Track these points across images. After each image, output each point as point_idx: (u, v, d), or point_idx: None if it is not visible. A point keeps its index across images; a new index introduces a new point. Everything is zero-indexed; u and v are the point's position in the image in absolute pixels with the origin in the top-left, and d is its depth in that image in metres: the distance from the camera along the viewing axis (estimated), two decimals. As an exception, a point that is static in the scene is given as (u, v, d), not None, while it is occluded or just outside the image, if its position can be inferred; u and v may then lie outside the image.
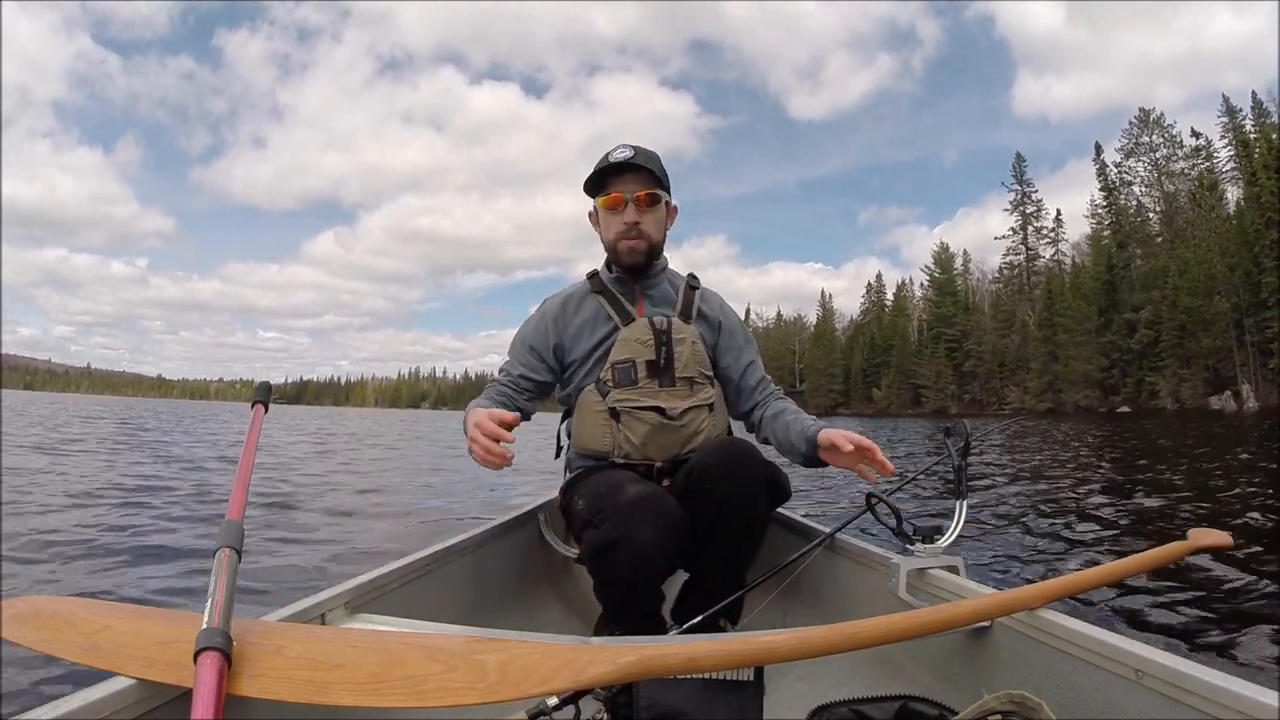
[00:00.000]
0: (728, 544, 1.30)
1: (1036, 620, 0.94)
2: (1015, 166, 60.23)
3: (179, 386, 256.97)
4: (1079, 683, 0.87)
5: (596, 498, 1.23)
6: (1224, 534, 1.23)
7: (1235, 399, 35.56)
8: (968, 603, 0.95)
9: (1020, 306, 56.75)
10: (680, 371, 1.43)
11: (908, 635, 0.85)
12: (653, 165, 1.44)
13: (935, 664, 1.14)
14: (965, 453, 1.36)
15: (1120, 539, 3.14)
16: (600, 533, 1.17)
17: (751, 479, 1.27)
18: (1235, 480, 5.05)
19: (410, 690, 0.66)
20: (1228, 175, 43.16)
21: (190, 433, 14.51)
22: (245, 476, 0.88)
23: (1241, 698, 0.67)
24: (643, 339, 1.43)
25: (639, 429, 1.39)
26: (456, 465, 8.27)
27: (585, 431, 1.44)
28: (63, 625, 0.78)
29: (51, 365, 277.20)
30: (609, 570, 1.19)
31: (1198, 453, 7.89)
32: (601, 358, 1.44)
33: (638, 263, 1.47)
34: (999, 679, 0.96)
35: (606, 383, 1.41)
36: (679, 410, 1.41)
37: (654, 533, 1.16)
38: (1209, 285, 38.14)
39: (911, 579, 1.20)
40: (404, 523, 4.42)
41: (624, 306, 1.47)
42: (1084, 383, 45.62)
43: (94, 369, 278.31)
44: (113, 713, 0.66)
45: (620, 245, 1.45)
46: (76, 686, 0.68)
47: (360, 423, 32.73)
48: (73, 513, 4.06)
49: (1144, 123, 49.11)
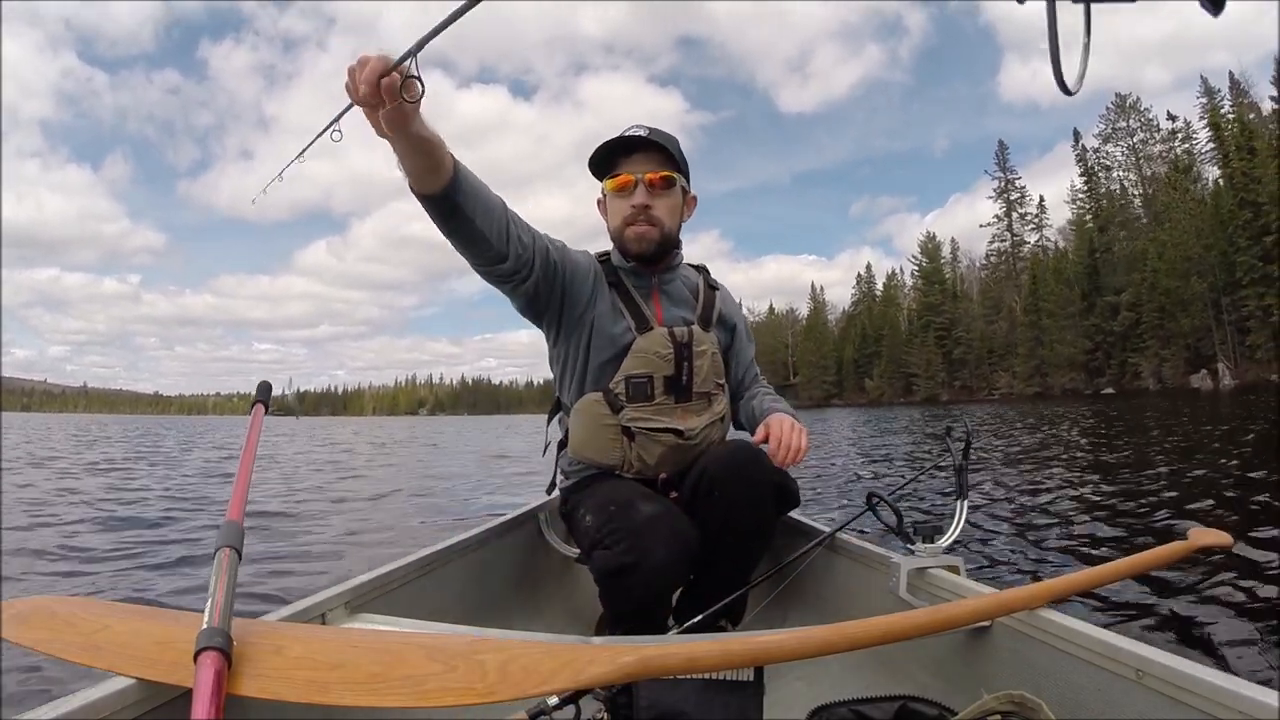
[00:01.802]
0: (734, 550, 1.28)
1: (1036, 620, 0.94)
2: (998, 154, 61.14)
3: (176, 403, 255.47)
4: (1079, 683, 0.87)
5: (607, 515, 1.17)
6: (1224, 534, 1.23)
7: (1212, 377, 36.37)
8: (968, 602, 0.95)
9: (1007, 292, 57.28)
10: (698, 387, 1.35)
11: (908, 635, 0.84)
12: (669, 145, 1.32)
13: (935, 664, 1.14)
14: (966, 453, 1.36)
15: (1120, 539, 3.14)
16: (613, 555, 1.11)
17: (760, 485, 1.24)
18: (1217, 464, 5.06)
19: (410, 690, 0.66)
20: (1207, 156, 43.95)
21: (223, 446, 14.22)
22: (245, 477, 0.88)
23: (1241, 698, 0.67)
24: (662, 353, 1.31)
25: (654, 450, 1.32)
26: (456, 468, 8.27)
27: (591, 442, 1.34)
28: (63, 625, 0.78)
29: (48, 385, 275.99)
30: (622, 593, 1.14)
31: (1167, 440, 7.92)
32: (609, 360, 1.32)
33: (647, 252, 1.32)
34: (999, 679, 0.96)
35: (619, 396, 1.31)
36: (696, 430, 1.34)
37: (669, 555, 1.11)
38: (1186, 266, 39.00)
39: (912, 579, 1.21)
40: (404, 523, 4.42)
41: (640, 309, 1.34)
42: (1069, 366, 46.59)
43: (90, 388, 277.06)
44: (113, 713, 0.66)
45: (628, 232, 1.31)
46: (76, 687, 0.68)
47: (379, 432, 32.69)
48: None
49: (1120, 108, 50.05)
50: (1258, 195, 34.79)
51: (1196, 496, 3.97)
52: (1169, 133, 46.64)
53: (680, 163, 1.34)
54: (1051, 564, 2.81)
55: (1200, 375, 37.16)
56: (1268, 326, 34.86)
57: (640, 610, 1.19)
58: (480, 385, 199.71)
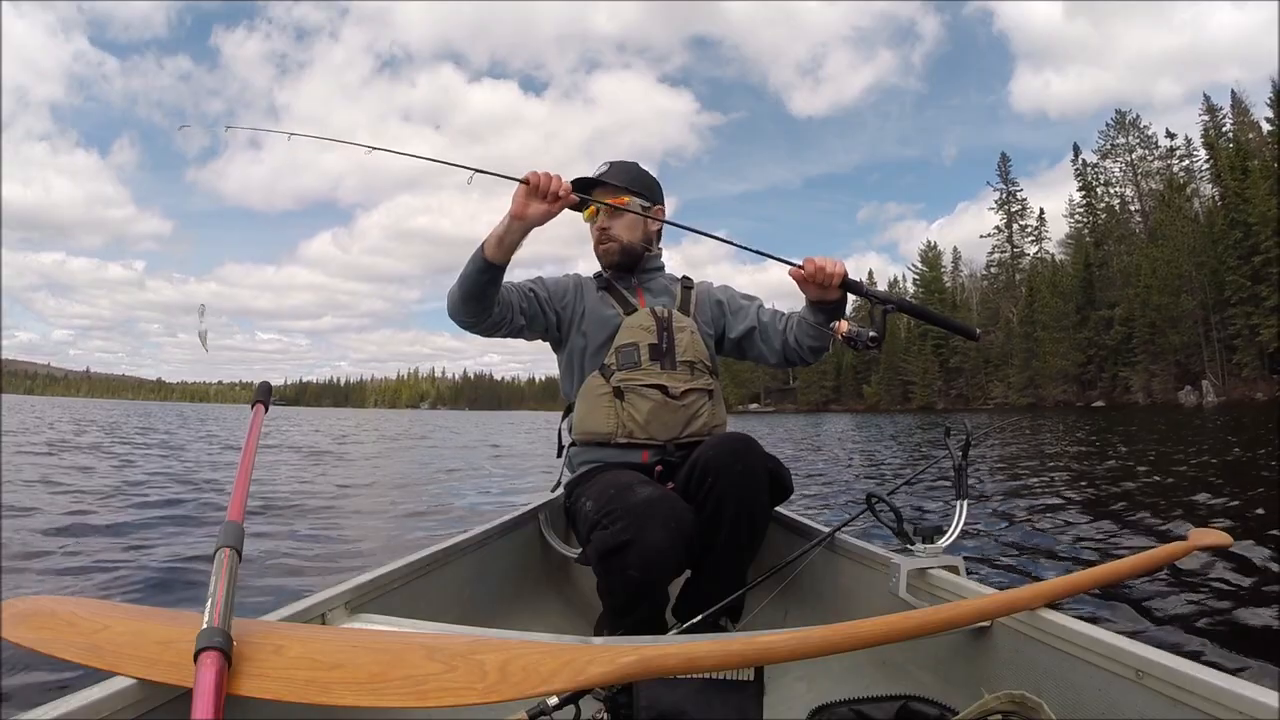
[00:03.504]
0: (731, 537, 1.30)
1: (1036, 620, 0.94)
2: (1000, 166, 61.30)
3: (179, 389, 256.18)
4: (1079, 683, 0.87)
5: (606, 499, 1.23)
6: (1224, 534, 1.24)
7: (1196, 394, 36.92)
8: (968, 603, 0.95)
9: (1005, 304, 57.73)
10: (681, 355, 1.50)
11: (908, 635, 0.85)
12: (618, 179, 1.56)
13: (935, 664, 1.14)
14: (966, 453, 1.36)
15: (1120, 539, 3.14)
16: (611, 534, 1.17)
17: (754, 471, 1.29)
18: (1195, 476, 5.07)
19: (410, 690, 0.66)
20: (1205, 174, 44.24)
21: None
22: (245, 477, 0.88)
23: (1241, 698, 0.67)
24: (645, 325, 1.51)
25: (642, 406, 1.44)
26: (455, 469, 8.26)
27: (588, 415, 1.48)
28: (63, 625, 0.78)
29: (51, 369, 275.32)
30: (619, 572, 1.18)
31: (1127, 450, 7.94)
32: (604, 343, 1.51)
33: (613, 262, 1.58)
34: (999, 679, 0.96)
35: (610, 366, 1.48)
36: (680, 390, 1.46)
37: (666, 535, 1.16)
38: (1177, 284, 39.51)
39: (912, 579, 1.20)
40: (405, 523, 4.42)
41: (627, 299, 1.56)
42: (1061, 378, 47.10)
43: (93, 373, 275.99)
44: (113, 713, 0.66)
45: (597, 250, 1.60)
46: (76, 686, 0.68)
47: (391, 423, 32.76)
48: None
49: (1120, 124, 50.32)
50: (1248, 216, 35.28)
51: (1193, 497, 3.98)
52: (1167, 150, 47.02)
53: (632, 185, 1.56)
54: (1052, 564, 2.81)
55: (1185, 391, 37.75)
56: (1254, 345, 35.45)
57: (639, 594, 1.21)
58: (482, 380, 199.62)
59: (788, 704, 1.12)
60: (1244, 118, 42.13)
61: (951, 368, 58.89)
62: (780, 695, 1.16)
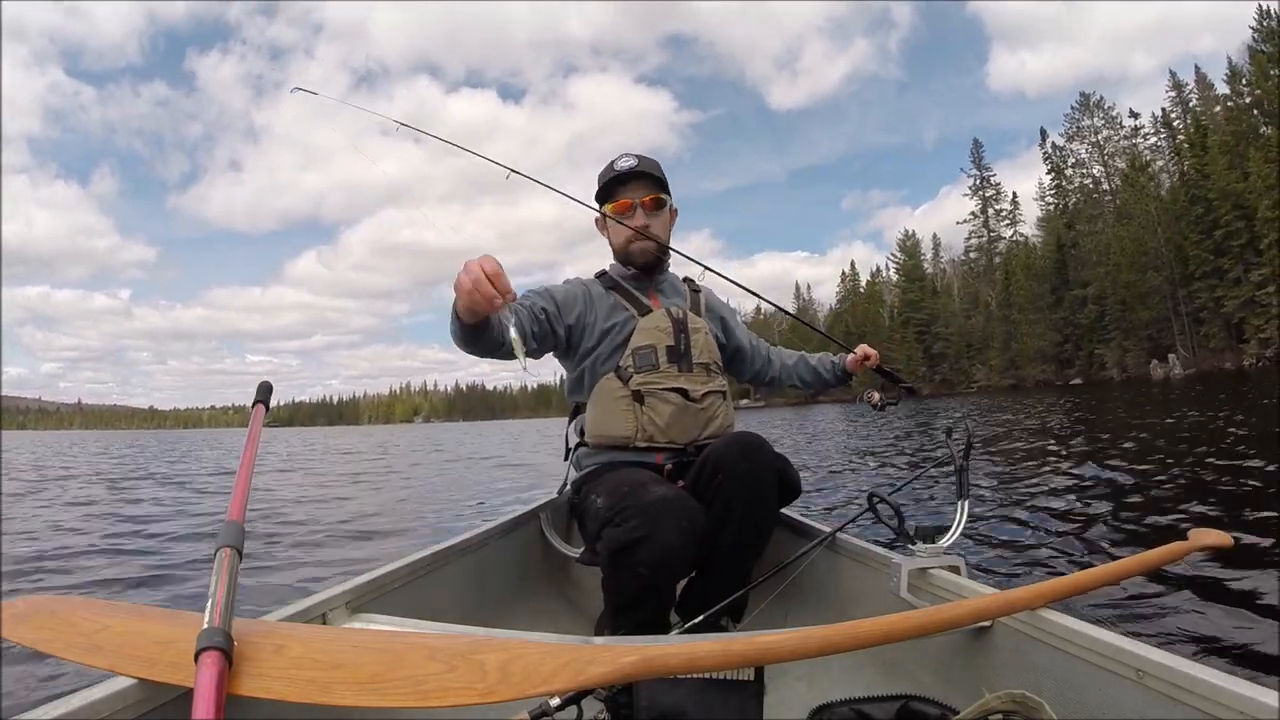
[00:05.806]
0: (738, 536, 1.30)
1: (1037, 620, 0.94)
2: (973, 151, 61.94)
3: (172, 416, 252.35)
4: (1079, 683, 0.87)
5: (619, 496, 1.22)
6: (1224, 534, 1.24)
7: (1164, 367, 38.15)
8: (969, 603, 0.95)
9: (983, 287, 58.17)
10: (698, 358, 1.50)
11: (909, 635, 0.84)
12: (655, 171, 1.55)
13: (936, 664, 1.14)
14: (967, 453, 1.36)
15: (1121, 538, 3.13)
16: (624, 531, 1.16)
17: (763, 469, 1.30)
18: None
19: (411, 690, 0.66)
20: (1168, 151, 45.10)
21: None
22: (246, 477, 0.88)
23: (1241, 698, 0.67)
24: (662, 326, 1.49)
25: (664, 410, 1.43)
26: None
27: (605, 419, 1.45)
28: (63, 625, 0.78)
29: (42, 403, 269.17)
30: (629, 569, 1.17)
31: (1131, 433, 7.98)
32: (619, 346, 1.48)
33: (650, 262, 1.56)
34: (1000, 679, 0.96)
35: (627, 369, 1.45)
36: (700, 393, 1.46)
37: (679, 535, 1.16)
38: (1144, 260, 40.66)
39: (913, 579, 1.20)
40: (405, 523, 4.42)
41: (640, 300, 1.55)
42: (1040, 358, 48.20)
43: (85, 404, 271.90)
44: (113, 713, 0.66)
45: (633, 247, 1.55)
46: (76, 687, 0.68)
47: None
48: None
49: (1085, 106, 50.80)
50: (1208, 191, 36.28)
51: (1190, 492, 3.98)
52: (1132, 129, 47.85)
53: (664, 183, 1.57)
54: (1053, 564, 2.81)
55: (1154, 365, 38.97)
56: (1219, 317, 36.84)
57: (646, 592, 1.21)
58: (475, 391, 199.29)
59: (788, 704, 1.12)
60: (1209, 92, 42.92)
61: (935, 354, 59.71)
62: (781, 695, 1.16)
